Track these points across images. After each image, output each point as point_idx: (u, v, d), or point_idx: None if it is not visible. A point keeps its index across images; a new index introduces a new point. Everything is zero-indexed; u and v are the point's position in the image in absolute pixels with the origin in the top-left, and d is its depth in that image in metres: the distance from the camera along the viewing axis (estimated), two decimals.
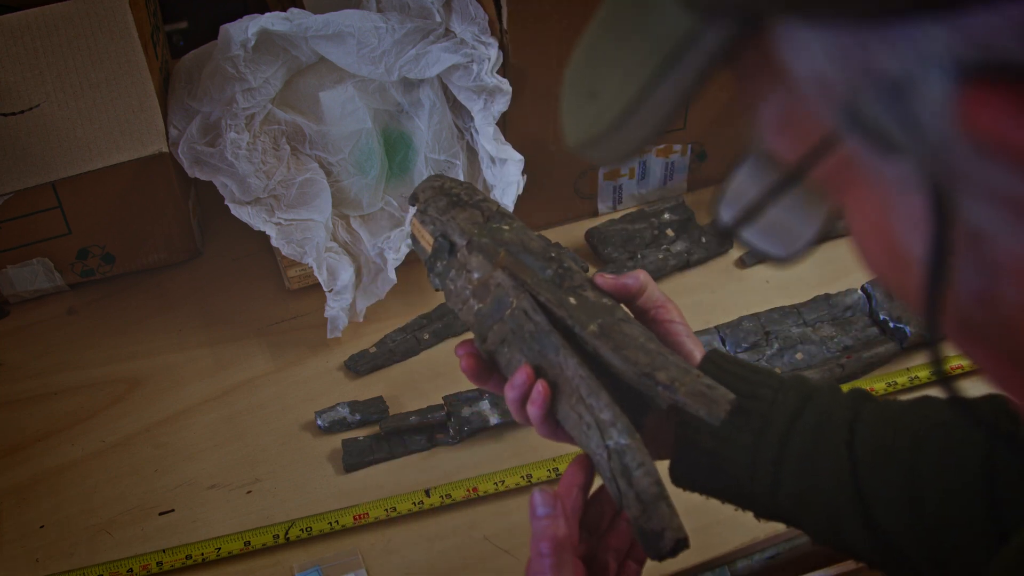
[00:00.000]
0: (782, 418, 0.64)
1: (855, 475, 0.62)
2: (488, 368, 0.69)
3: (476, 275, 0.68)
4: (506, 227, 0.70)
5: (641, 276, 0.69)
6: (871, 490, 0.61)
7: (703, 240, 1.13)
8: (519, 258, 0.68)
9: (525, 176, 1.03)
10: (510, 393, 0.65)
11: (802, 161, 0.32)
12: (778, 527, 0.88)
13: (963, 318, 0.31)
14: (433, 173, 0.77)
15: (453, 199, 0.71)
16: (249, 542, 0.88)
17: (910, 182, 0.29)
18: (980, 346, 0.32)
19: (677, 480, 0.68)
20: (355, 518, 0.89)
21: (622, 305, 0.68)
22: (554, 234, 1.15)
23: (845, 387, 0.69)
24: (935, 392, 0.84)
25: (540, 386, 0.64)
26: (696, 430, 0.66)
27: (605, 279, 0.68)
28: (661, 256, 1.11)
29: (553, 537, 0.60)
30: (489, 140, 1.03)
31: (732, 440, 0.65)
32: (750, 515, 0.68)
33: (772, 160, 0.34)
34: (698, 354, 0.68)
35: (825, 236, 0.39)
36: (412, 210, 0.77)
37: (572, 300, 0.66)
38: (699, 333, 1.03)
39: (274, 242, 1.01)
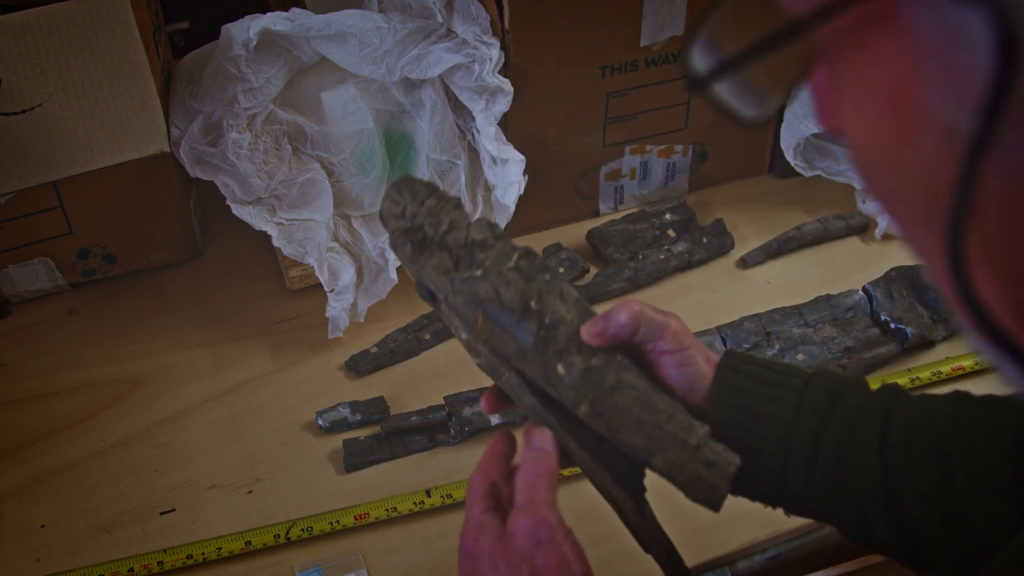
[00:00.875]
0: (811, 423, 0.63)
1: (886, 478, 0.61)
2: (507, 399, 0.69)
3: (463, 335, 0.66)
4: (478, 271, 0.64)
5: (629, 313, 0.63)
6: (902, 494, 0.61)
7: (704, 240, 1.13)
8: (497, 322, 0.63)
9: (526, 176, 1.03)
10: (529, 452, 0.65)
11: (822, 9, 0.29)
12: (779, 527, 0.88)
13: (981, 207, 0.29)
14: (403, 177, 0.68)
15: (417, 239, 0.65)
16: (250, 542, 0.87)
17: (966, 31, 0.27)
18: (984, 246, 0.30)
19: None
20: (356, 518, 0.89)
21: (617, 354, 0.64)
22: (555, 234, 1.15)
23: (874, 382, 0.66)
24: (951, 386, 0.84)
25: (552, 464, 0.64)
26: (722, 439, 0.65)
27: (592, 335, 0.63)
28: (662, 256, 1.11)
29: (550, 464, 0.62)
30: (491, 140, 1.03)
31: (758, 449, 0.64)
32: (751, 516, 0.68)
33: (765, 7, 0.32)
34: (710, 372, 0.65)
35: (794, 95, 0.36)
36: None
37: (560, 370, 0.63)
38: (700, 334, 1.03)
39: (275, 242, 1.01)
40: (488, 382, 0.70)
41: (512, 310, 0.63)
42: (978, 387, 0.81)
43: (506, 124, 1.06)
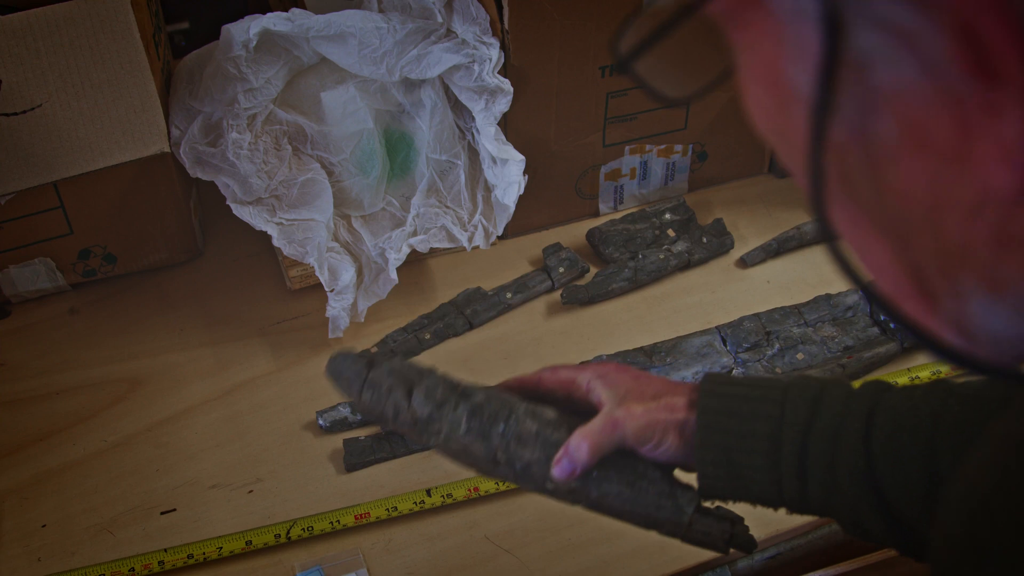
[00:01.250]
0: (794, 434, 0.63)
1: (874, 481, 0.62)
2: None
3: None
4: (434, 439, 0.68)
5: (589, 451, 0.65)
6: (892, 494, 0.61)
7: (704, 240, 1.13)
8: (480, 468, 0.69)
9: (526, 176, 1.04)
10: None
11: None
12: (779, 527, 0.88)
13: (840, 169, 0.31)
14: (330, 363, 0.69)
15: (378, 421, 0.70)
16: (251, 541, 0.88)
17: (805, 10, 0.29)
18: (852, 207, 0.32)
19: (706, 496, 0.68)
20: (356, 517, 0.89)
21: (592, 471, 0.66)
22: (555, 234, 1.15)
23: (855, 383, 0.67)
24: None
25: None
26: (711, 463, 0.66)
27: (563, 480, 0.66)
28: (662, 256, 1.11)
29: None
30: (490, 140, 1.03)
31: (750, 465, 0.64)
32: (751, 516, 0.68)
33: None
34: (678, 441, 0.66)
35: (721, 83, 0.39)
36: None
37: (550, 486, 0.67)
38: (700, 333, 1.03)
39: (276, 242, 1.01)
40: (489, 381, 0.71)
41: (484, 462, 0.67)
42: None
43: (506, 124, 1.06)
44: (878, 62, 0.28)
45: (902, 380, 0.99)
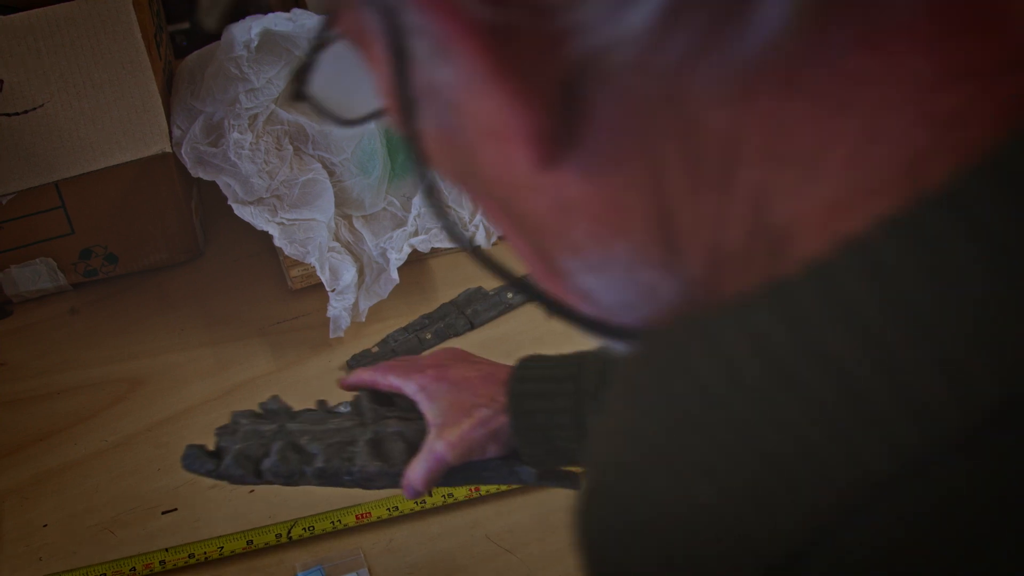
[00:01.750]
0: (589, 404, 0.66)
1: None
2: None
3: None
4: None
5: (424, 484, 0.70)
6: None
7: None
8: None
9: None
10: None
11: (328, 14, 0.33)
12: None
13: (451, 164, 0.32)
14: (182, 461, 0.77)
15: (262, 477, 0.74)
16: (252, 541, 0.88)
17: (377, 26, 0.31)
18: (485, 201, 0.33)
19: (538, 467, 0.72)
20: (357, 517, 0.89)
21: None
22: None
23: None
24: None
25: None
26: (527, 445, 0.69)
27: (411, 497, 0.71)
28: None
29: None
30: None
31: (562, 437, 0.67)
32: None
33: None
34: (497, 448, 0.70)
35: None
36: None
37: None
38: None
39: (277, 242, 1.01)
40: None
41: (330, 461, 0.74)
42: None
43: None
44: (428, 63, 0.29)
45: None
